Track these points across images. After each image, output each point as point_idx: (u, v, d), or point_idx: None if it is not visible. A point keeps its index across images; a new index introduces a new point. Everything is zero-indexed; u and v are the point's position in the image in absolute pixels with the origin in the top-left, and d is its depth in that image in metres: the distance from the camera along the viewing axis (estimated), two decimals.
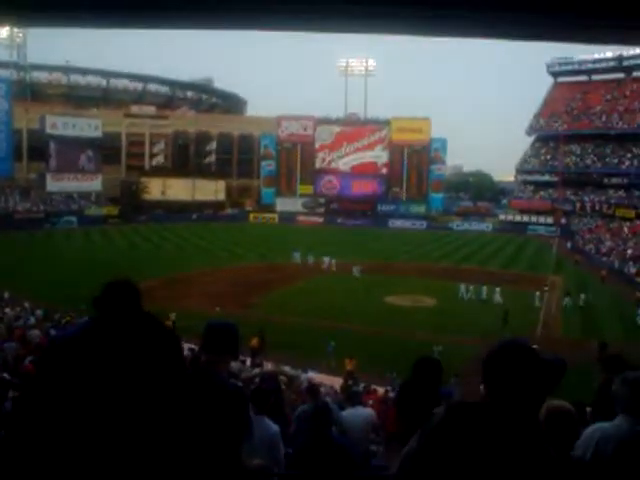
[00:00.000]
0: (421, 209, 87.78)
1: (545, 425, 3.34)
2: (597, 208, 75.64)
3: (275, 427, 5.07)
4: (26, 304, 28.20)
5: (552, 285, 40.55)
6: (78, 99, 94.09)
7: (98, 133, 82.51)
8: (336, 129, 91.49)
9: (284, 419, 6.53)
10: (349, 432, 6.21)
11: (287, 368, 20.89)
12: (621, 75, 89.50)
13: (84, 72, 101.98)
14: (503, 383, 2.15)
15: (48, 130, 76.95)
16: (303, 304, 33.80)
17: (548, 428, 3.34)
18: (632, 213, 70.12)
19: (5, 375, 12.28)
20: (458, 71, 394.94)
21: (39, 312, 25.79)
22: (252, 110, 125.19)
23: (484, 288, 36.77)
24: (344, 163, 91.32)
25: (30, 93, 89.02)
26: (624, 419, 3.48)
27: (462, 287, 37.48)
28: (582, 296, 35.73)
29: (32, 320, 23.47)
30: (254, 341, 23.43)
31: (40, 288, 33.10)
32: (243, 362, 21.30)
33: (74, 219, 72.51)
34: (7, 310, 25.52)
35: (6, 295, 29.96)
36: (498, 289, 35.97)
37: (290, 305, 33.48)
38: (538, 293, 35.82)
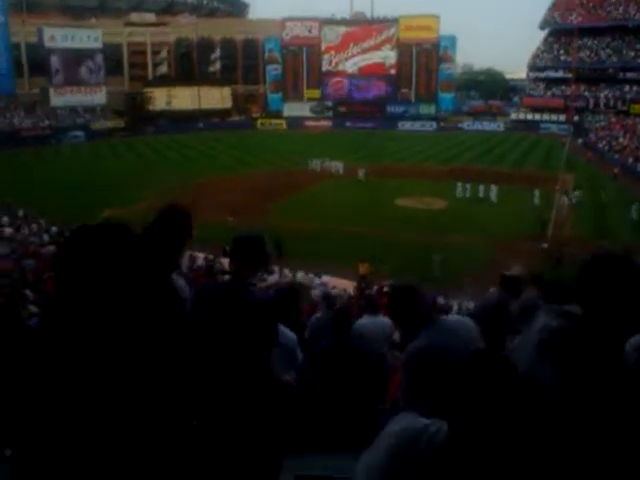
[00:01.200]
0: (431, 110, 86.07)
1: None
2: (611, 105, 73.91)
3: (292, 335, 5.11)
4: (41, 221, 28.44)
5: (562, 183, 40.24)
6: (74, 9, 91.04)
7: (98, 44, 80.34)
8: (342, 29, 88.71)
9: (301, 327, 6.60)
10: (367, 340, 6.29)
11: (301, 274, 21.13)
12: None
13: None
14: (601, 299, 2.05)
15: (47, 43, 74.90)
16: (315, 210, 33.91)
17: None
18: None
19: (27, 292, 12.52)
20: None
21: (54, 229, 26.04)
22: (255, 13, 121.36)
23: (481, 187, 37.04)
24: (351, 64, 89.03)
25: (25, 5, 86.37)
26: None
27: (459, 186, 37.65)
28: (576, 193, 35.65)
29: (46, 238, 23.75)
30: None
31: (53, 205, 33.10)
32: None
33: (81, 134, 71.68)
34: (23, 228, 25.85)
35: (20, 213, 30.17)
36: (494, 187, 36.27)
37: (302, 212, 33.56)
38: (537, 191, 35.53)
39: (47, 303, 6.61)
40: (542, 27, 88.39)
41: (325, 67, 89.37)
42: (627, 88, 74.70)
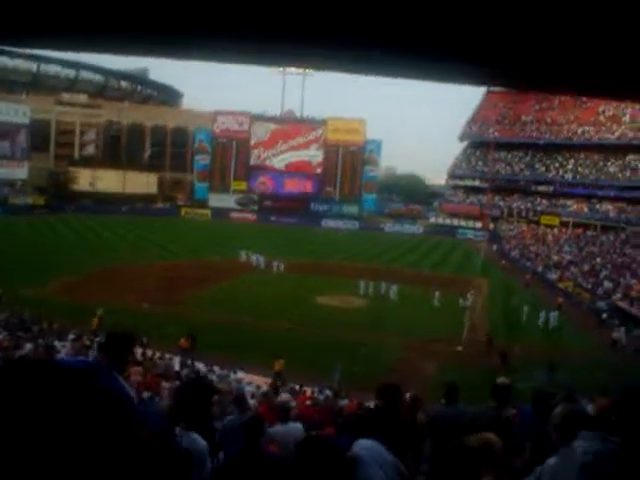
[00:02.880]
0: (354, 209, 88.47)
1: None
2: (523, 215, 78.13)
3: (203, 443, 5.03)
4: None
5: (478, 288, 41.62)
6: (6, 83, 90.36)
7: (26, 120, 79.60)
8: (272, 126, 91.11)
9: (212, 432, 6.45)
10: (281, 448, 6.22)
11: (216, 368, 20.73)
12: None
13: (12, 55, 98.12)
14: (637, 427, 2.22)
15: None
16: (234, 302, 33.67)
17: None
18: (556, 220, 72.83)
19: None
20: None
21: None
22: (188, 104, 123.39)
23: (382, 284, 38.54)
24: (279, 161, 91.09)
25: None
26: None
27: (362, 283, 38.95)
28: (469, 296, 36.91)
29: None
30: (183, 341, 23.10)
31: None
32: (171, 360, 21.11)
33: None
34: None
35: None
36: (395, 287, 37.85)
37: (220, 303, 33.25)
38: (437, 293, 36.65)
39: None
40: (461, 139, 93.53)
41: (253, 161, 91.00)
42: (538, 200, 79.29)
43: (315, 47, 2.68)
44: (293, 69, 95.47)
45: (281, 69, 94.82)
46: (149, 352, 21.57)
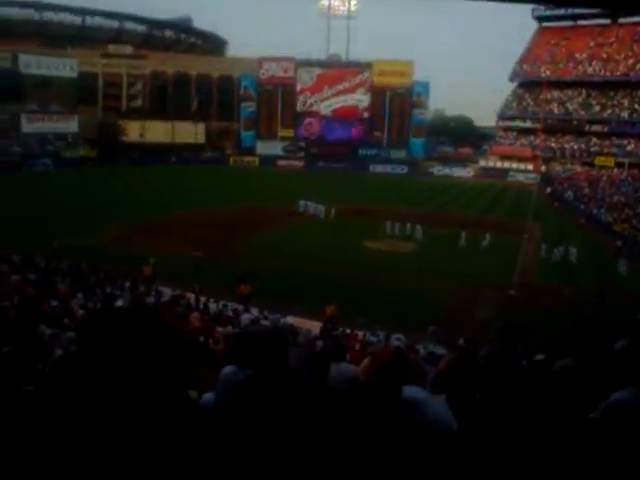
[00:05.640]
0: (402, 154, 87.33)
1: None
2: (577, 156, 75.97)
3: None
4: None
5: (530, 231, 40.88)
6: (51, 37, 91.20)
7: (74, 73, 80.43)
8: (317, 71, 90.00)
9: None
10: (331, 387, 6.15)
11: (269, 314, 20.96)
12: (607, 21, 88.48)
13: (57, 9, 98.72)
14: None
15: (22, 69, 74.76)
16: (285, 248, 33.84)
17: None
18: (611, 161, 70.62)
19: None
20: (443, 14, 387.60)
21: (16, 258, 25.44)
22: (232, 51, 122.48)
23: (408, 225, 38.85)
24: (325, 106, 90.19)
25: (1, 31, 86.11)
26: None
27: (388, 223, 39.41)
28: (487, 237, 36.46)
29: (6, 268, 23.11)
30: (243, 288, 23.14)
31: (16, 234, 32.38)
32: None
33: (50, 161, 71.24)
34: None
35: None
36: (420, 227, 38.20)
37: (270, 250, 33.40)
38: (463, 233, 36.23)
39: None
40: (511, 79, 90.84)
41: (299, 107, 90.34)
42: (592, 140, 76.86)
43: None
44: (337, 11, 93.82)
45: (325, 11, 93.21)
46: (203, 298, 21.95)
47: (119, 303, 16.77)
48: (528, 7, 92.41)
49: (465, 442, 3.06)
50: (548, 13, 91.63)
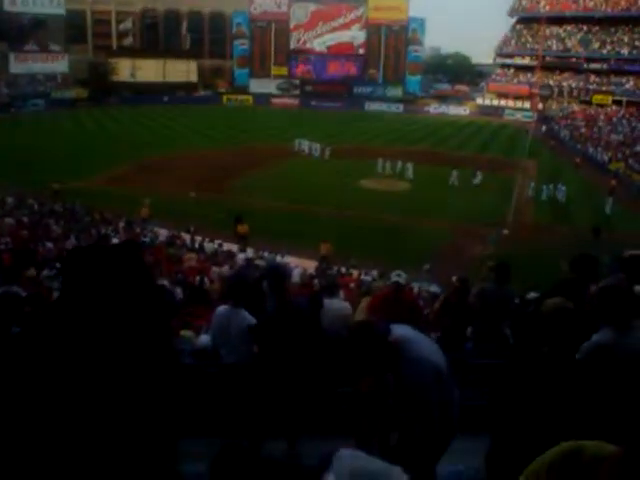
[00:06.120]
0: (398, 91, 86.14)
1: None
2: (575, 94, 75.03)
3: (251, 319, 5.11)
4: None
5: (524, 170, 40.75)
6: None
7: (61, 10, 78.08)
8: (311, 7, 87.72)
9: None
10: (325, 323, 6.24)
11: (265, 253, 21.01)
12: None
13: None
14: None
15: (7, 7, 72.56)
16: (277, 188, 33.74)
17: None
18: (608, 99, 69.81)
19: None
20: None
21: (10, 200, 25.40)
22: None
23: (399, 163, 38.82)
24: (320, 43, 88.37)
25: None
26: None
27: (380, 161, 39.40)
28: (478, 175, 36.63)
29: None
30: (240, 228, 23.07)
31: (9, 174, 32.14)
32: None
33: (41, 102, 69.97)
34: None
35: None
36: (410, 165, 38.14)
37: (265, 190, 33.28)
38: (454, 172, 36.30)
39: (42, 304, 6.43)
40: (510, 14, 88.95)
41: (293, 45, 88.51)
42: (591, 78, 75.80)
43: None
44: None
45: None
46: (198, 238, 21.98)
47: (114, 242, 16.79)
48: None
49: (453, 378, 3.11)
50: None
